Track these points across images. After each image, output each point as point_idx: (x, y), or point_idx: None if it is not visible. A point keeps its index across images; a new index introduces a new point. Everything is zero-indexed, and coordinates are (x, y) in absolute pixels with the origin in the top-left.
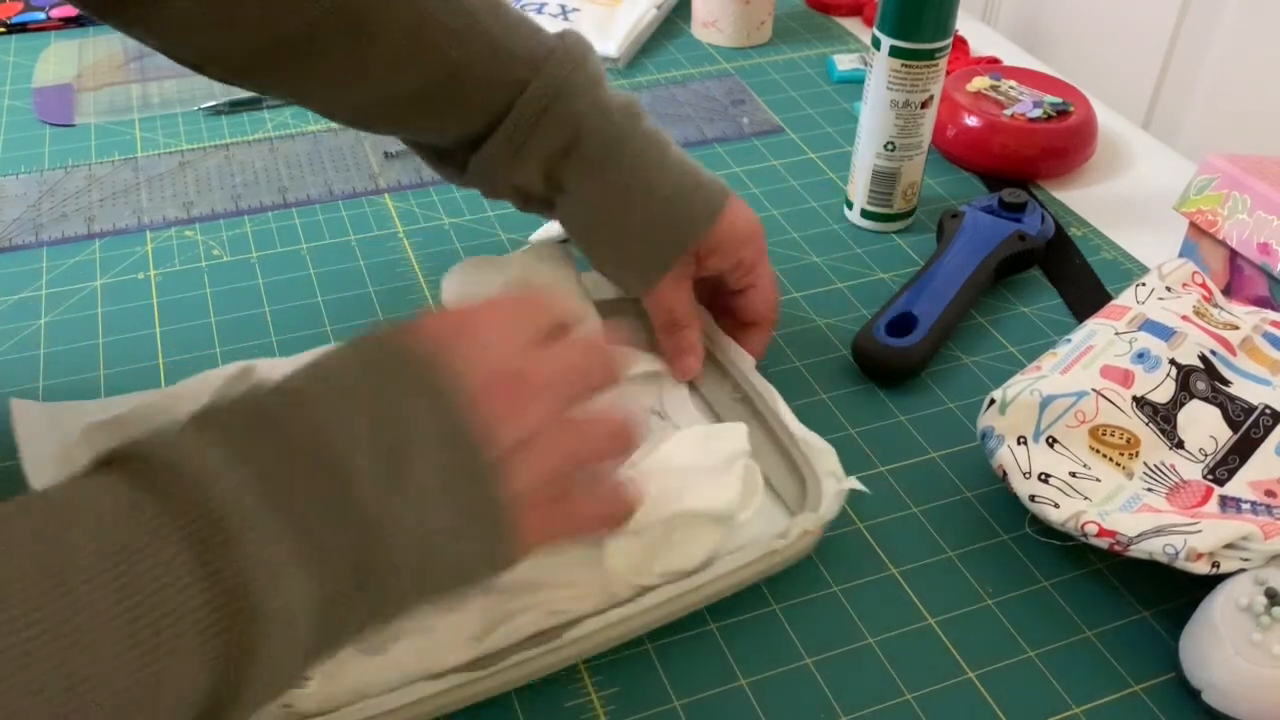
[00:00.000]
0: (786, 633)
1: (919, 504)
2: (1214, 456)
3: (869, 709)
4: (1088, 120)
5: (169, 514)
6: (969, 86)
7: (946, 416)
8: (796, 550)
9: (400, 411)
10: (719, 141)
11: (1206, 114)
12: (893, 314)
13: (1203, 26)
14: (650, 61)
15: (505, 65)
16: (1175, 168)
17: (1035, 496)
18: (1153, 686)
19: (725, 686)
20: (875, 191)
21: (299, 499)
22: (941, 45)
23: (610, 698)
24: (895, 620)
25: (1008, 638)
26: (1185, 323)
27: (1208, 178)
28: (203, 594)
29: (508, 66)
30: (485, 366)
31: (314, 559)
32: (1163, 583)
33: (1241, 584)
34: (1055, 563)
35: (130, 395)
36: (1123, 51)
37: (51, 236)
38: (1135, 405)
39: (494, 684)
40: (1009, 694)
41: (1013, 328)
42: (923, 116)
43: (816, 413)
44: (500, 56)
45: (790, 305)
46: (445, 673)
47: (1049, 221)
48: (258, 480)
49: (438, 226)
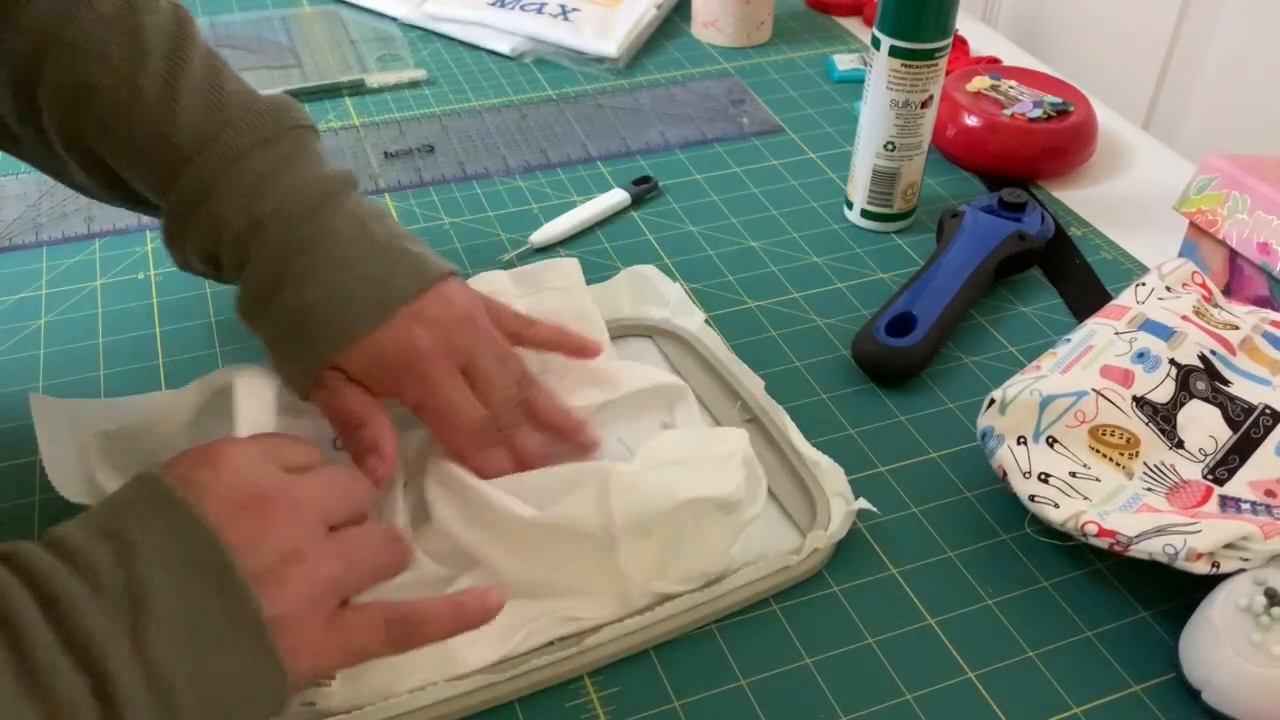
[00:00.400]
0: (786, 633)
1: (919, 504)
2: (1214, 456)
3: (869, 709)
4: (1088, 120)
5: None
6: (969, 86)
7: (946, 416)
8: (807, 567)
9: (141, 550)
10: (719, 141)
11: (1206, 114)
12: (892, 314)
13: (1203, 26)
14: (650, 61)
15: (161, 153)
16: (1175, 168)
17: (1035, 496)
18: (1153, 686)
19: (725, 686)
20: (875, 191)
21: (19, 637)
22: (941, 45)
23: (610, 698)
24: (895, 620)
25: (1008, 638)
26: (1185, 323)
27: (1207, 177)
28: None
29: (163, 154)
30: (229, 491)
31: (37, 696)
32: (1163, 583)
33: (1241, 584)
34: (1055, 563)
35: (142, 396)
36: (1123, 51)
37: (51, 236)
38: (1135, 405)
39: (513, 687)
40: (1009, 694)
41: (1013, 328)
42: (923, 116)
43: (816, 413)
44: (158, 142)
45: (790, 305)
46: (466, 675)
47: (1049, 221)
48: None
49: (438, 226)
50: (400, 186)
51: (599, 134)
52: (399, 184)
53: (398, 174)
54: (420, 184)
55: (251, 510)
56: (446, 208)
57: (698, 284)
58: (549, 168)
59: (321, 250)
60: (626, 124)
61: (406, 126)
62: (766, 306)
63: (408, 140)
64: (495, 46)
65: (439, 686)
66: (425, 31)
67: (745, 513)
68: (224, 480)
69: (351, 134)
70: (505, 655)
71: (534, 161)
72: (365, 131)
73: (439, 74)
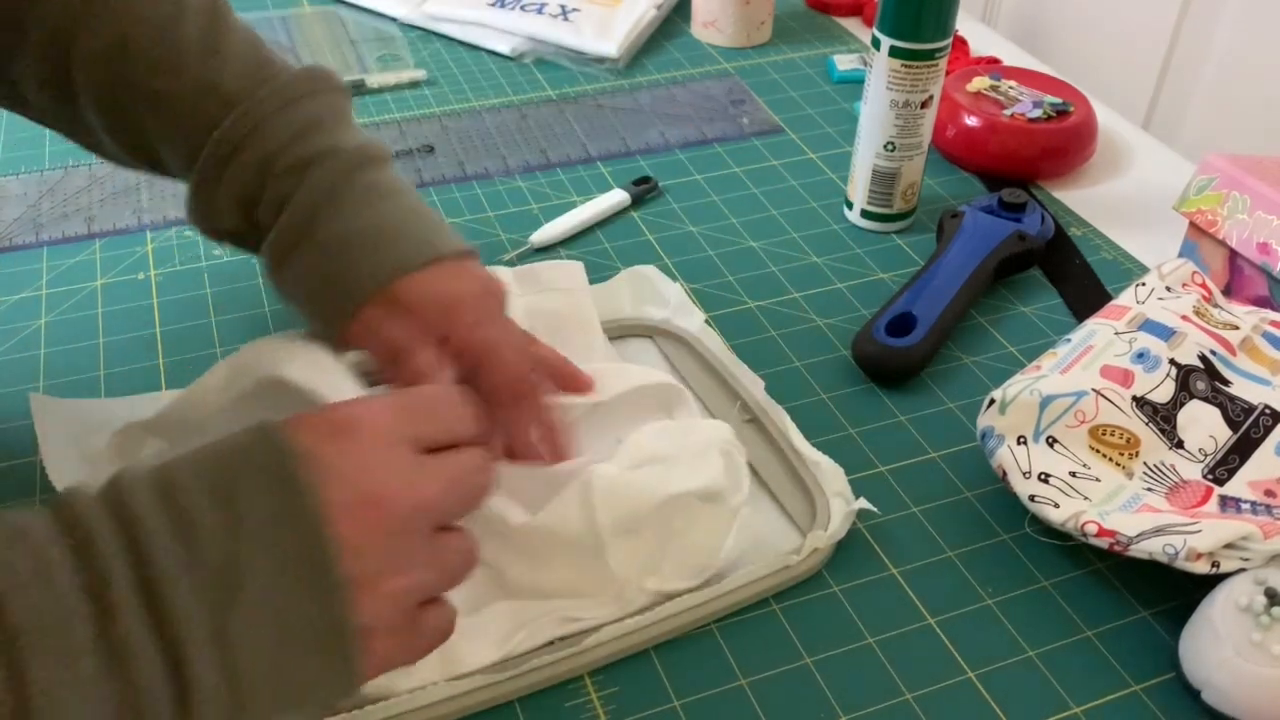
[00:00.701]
0: (786, 633)
1: (919, 504)
2: (1214, 456)
3: (869, 709)
4: (1088, 120)
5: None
6: (969, 86)
7: (946, 416)
8: (807, 566)
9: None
10: (719, 141)
11: (1206, 114)
12: (892, 314)
13: (1203, 26)
14: (650, 61)
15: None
16: (1175, 168)
17: (1035, 496)
18: (1153, 686)
19: (725, 686)
20: (875, 191)
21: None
22: (941, 45)
23: (610, 698)
24: (895, 620)
25: (1008, 638)
26: (1185, 323)
27: (1207, 178)
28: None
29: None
30: (353, 480)
31: (115, 674)
32: (1163, 583)
33: (1241, 584)
34: (1055, 563)
35: (146, 395)
36: (1123, 51)
37: (51, 236)
38: (1135, 405)
39: (513, 687)
40: (1009, 694)
41: (1013, 328)
42: (922, 116)
43: (816, 413)
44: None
45: (790, 305)
46: (466, 675)
47: (1049, 221)
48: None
49: None
50: None
51: (599, 134)
52: None
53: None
54: (420, 184)
55: (368, 509)
56: (446, 208)
57: (698, 284)
58: (549, 168)
59: (368, 192)
60: (626, 124)
61: (406, 127)
62: (766, 306)
63: (408, 140)
64: (495, 47)
65: (439, 686)
66: (425, 31)
67: (731, 500)
68: (350, 464)
69: None
70: (505, 655)
71: (534, 161)
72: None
73: (439, 74)
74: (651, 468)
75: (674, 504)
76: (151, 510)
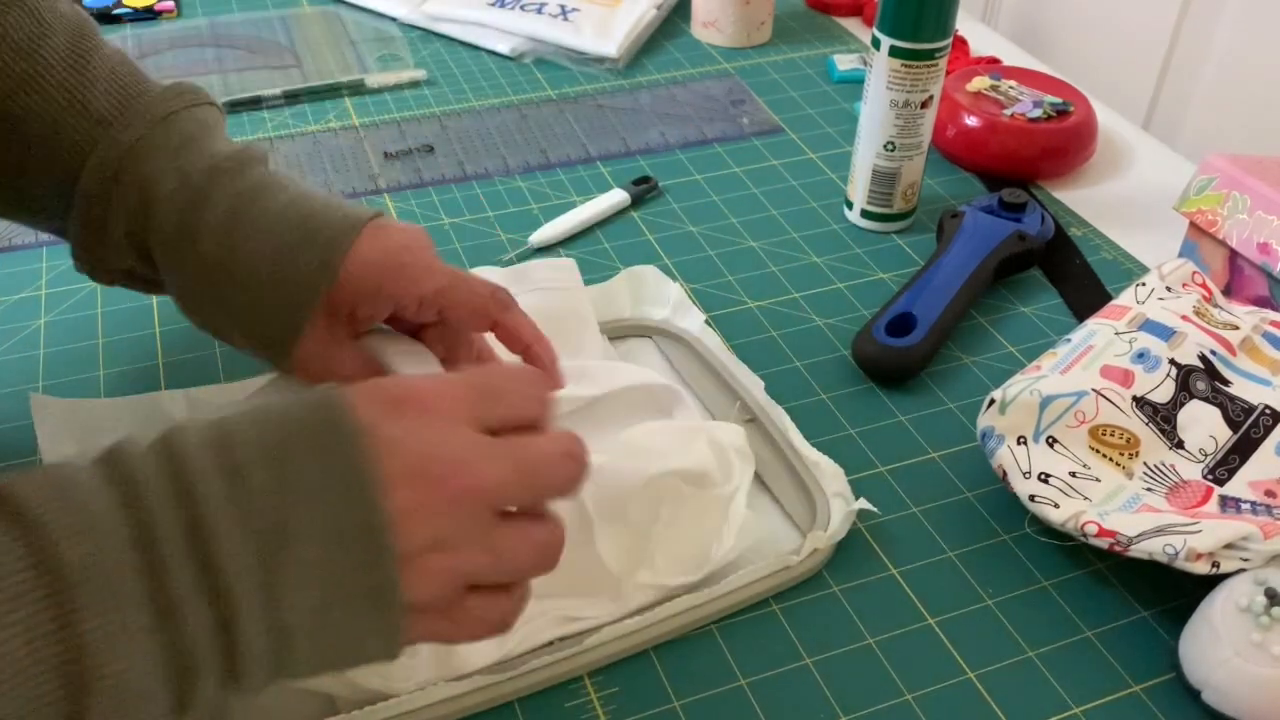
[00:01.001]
0: (786, 633)
1: (919, 504)
2: (1214, 456)
3: (869, 709)
4: (1088, 120)
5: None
6: (969, 86)
7: (946, 416)
8: (807, 567)
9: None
10: (719, 141)
11: (1206, 114)
12: (892, 314)
13: (1203, 26)
14: (650, 61)
15: (72, 116)
16: (1175, 168)
17: (1035, 496)
18: (1153, 686)
19: (725, 686)
20: (875, 191)
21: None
22: (941, 45)
23: (610, 698)
24: (895, 620)
25: (1008, 638)
26: (1185, 323)
27: (1207, 178)
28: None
29: (75, 119)
30: (415, 454)
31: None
32: (1163, 583)
33: (1241, 584)
34: (1055, 563)
35: (146, 395)
36: (1123, 51)
37: (51, 236)
38: (1135, 405)
39: (513, 687)
40: (1009, 694)
41: (1013, 328)
42: (923, 116)
43: (816, 413)
44: (68, 108)
45: (790, 305)
46: (466, 675)
47: (1049, 221)
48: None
49: (438, 226)
50: (400, 187)
51: (599, 134)
52: (399, 184)
53: (397, 174)
54: (420, 184)
55: (422, 480)
56: (446, 208)
57: (698, 284)
58: (549, 168)
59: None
60: (626, 124)
61: (406, 127)
62: (766, 307)
63: (407, 140)
64: (495, 46)
65: (439, 686)
66: (425, 31)
67: (721, 487)
68: (411, 440)
69: (351, 134)
70: (505, 655)
71: (534, 162)
72: (365, 132)
73: (439, 74)
74: (636, 456)
75: (659, 487)
76: (203, 462)
